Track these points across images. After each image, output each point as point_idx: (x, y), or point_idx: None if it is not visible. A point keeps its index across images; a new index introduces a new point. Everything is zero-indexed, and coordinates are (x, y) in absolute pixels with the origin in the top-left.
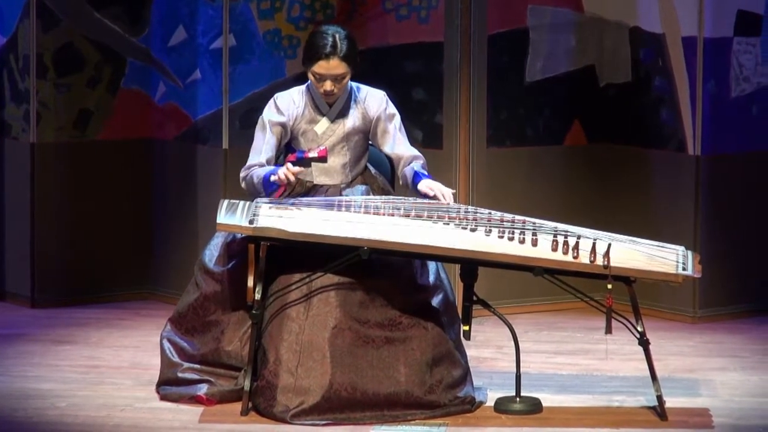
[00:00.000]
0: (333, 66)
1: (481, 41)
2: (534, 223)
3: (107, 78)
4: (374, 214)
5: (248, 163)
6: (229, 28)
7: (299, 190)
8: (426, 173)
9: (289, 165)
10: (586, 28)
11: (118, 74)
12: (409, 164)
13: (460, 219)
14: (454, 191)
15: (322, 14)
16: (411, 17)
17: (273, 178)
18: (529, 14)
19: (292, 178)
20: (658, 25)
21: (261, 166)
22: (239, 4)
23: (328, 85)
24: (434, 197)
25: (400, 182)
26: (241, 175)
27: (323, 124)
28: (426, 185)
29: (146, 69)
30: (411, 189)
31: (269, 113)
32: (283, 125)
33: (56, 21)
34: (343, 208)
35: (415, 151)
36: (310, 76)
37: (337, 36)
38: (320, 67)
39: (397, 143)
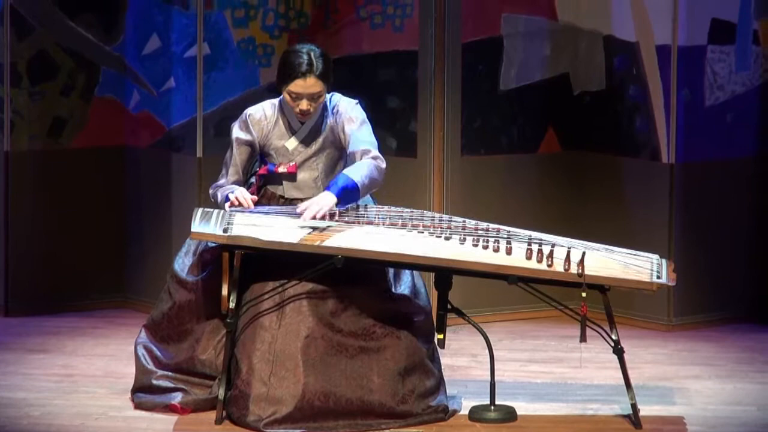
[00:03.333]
0: (310, 84)
1: (455, 49)
2: (508, 232)
3: (81, 86)
4: (348, 222)
5: (216, 182)
6: (204, 36)
7: (275, 204)
8: (346, 180)
9: (244, 192)
10: (561, 36)
11: (92, 82)
12: (356, 160)
13: (434, 227)
14: (322, 215)
15: (296, 23)
16: (385, 25)
17: (227, 204)
18: (503, 22)
19: (245, 204)
20: (632, 33)
21: (226, 184)
22: (213, 13)
23: (304, 104)
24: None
25: None
26: (210, 192)
27: (294, 140)
28: (304, 203)
29: (120, 77)
30: None
31: (237, 131)
32: (250, 144)
33: (30, 29)
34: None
35: (369, 147)
36: (285, 95)
37: (312, 54)
38: (297, 86)
39: (353, 141)
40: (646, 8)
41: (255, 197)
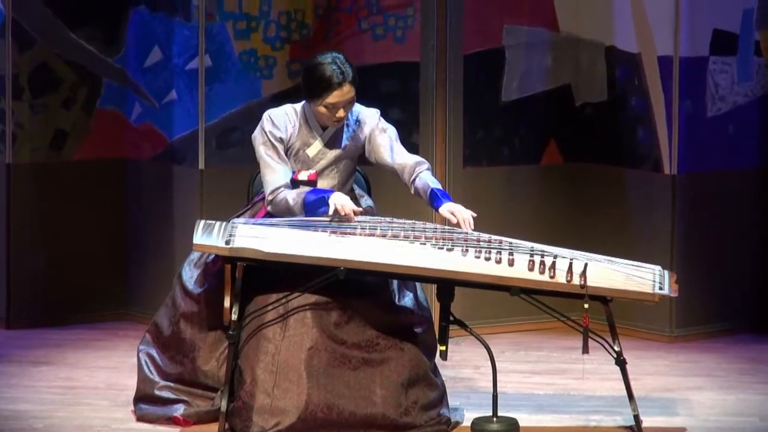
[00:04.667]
0: (346, 92)
1: (457, 61)
2: (511, 243)
3: (83, 98)
4: (351, 234)
5: (273, 185)
6: (205, 48)
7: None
8: (442, 190)
9: (347, 201)
10: (562, 48)
11: (94, 95)
12: (414, 172)
13: (437, 239)
14: (475, 215)
15: (298, 34)
16: (387, 37)
17: (331, 210)
18: (505, 34)
19: (349, 216)
20: (634, 44)
21: (287, 186)
22: (215, 25)
23: (342, 113)
24: (457, 224)
25: (411, 192)
26: (268, 198)
27: (315, 146)
28: (448, 210)
29: (122, 89)
30: (431, 207)
31: (269, 127)
32: (282, 140)
33: (31, 41)
34: (320, 229)
35: (416, 156)
36: (320, 109)
37: (338, 61)
38: (335, 97)
39: (396, 152)
40: (647, 19)
41: (360, 209)
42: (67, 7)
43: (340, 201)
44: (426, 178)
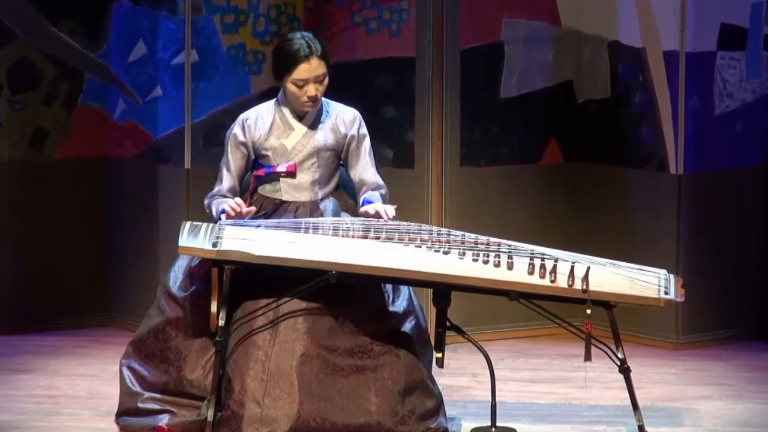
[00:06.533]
0: (314, 67)
1: (453, 56)
2: (509, 246)
3: (64, 95)
4: (343, 236)
5: (212, 191)
6: (192, 42)
7: (268, 209)
8: (372, 200)
9: (239, 202)
10: (563, 42)
11: (76, 91)
12: (368, 191)
13: (432, 242)
14: (396, 206)
15: (288, 28)
16: (381, 31)
17: (223, 216)
18: (504, 28)
19: (240, 210)
20: (638, 38)
21: (222, 195)
22: (202, 18)
23: (312, 90)
24: (375, 214)
25: (358, 209)
26: (204, 203)
27: (293, 138)
28: (366, 207)
29: (105, 85)
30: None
31: (235, 131)
32: (245, 146)
33: (11, 36)
34: (311, 231)
35: (380, 180)
36: (290, 87)
37: (307, 37)
38: (302, 71)
39: (364, 169)
40: (652, 12)
41: (253, 208)
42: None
43: (231, 203)
44: (370, 195)
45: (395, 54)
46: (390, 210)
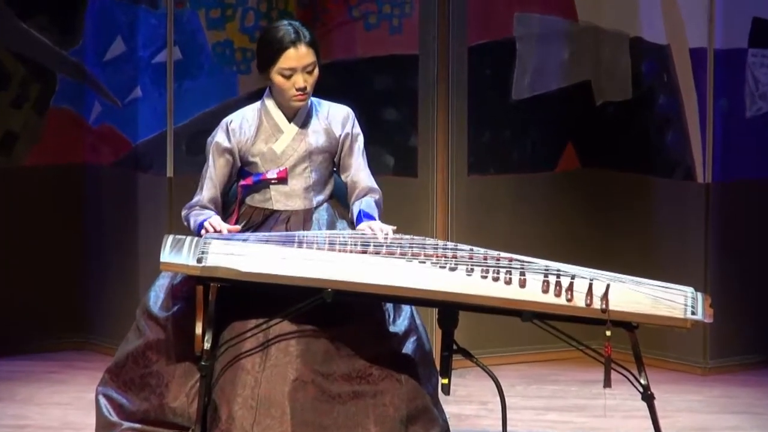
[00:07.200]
0: (302, 54)
1: (460, 54)
2: (522, 261)
3: (34, 96)
4: (340, 251)
5: (192, 201)
6: (174, 39)
7: (257, 219)
8: (371, 213)
9: (218, 220)
10: (581, 39)
11: (47, 92)
12: (363, 196)
13: (438, 257)
14: (395, 227)
15: None
16: (381, 26)
17: (202, 231)
18: (516, 23)
19: (220, 230)
20: (663, 35)
21: (201, 207)
22: (185, 12)
23: (300, 80)
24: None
25: (350, 214)
26: (183, 213)
27: (283, 141)
28: (362, 227)
29: (79, 86)
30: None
31: (218, 137)
32: (230, 152)
33: None
34: (305, 245)
35: (374, 183)
36: (276, 78)
37: (294, 24)
38: (288, 59)
39: (357, 170)
40: (678, 7)
41: (238, 227)
42: None
43: (214, 221)
44: (363, 206)
45: (397, 51)
46: (388, 231)
